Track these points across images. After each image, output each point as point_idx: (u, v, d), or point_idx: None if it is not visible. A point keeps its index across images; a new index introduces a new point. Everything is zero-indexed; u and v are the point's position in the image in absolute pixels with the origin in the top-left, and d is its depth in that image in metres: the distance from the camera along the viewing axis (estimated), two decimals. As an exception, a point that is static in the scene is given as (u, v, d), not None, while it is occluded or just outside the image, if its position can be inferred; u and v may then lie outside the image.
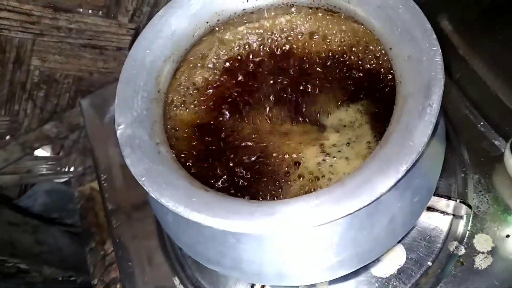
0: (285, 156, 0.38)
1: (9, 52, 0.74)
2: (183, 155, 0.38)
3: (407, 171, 0.28)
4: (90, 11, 0.75)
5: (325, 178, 0.35)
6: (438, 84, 0.31)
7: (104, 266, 0.63)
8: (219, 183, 0.36)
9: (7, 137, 0.87)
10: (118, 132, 0.34)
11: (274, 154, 0.38)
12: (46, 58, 0.78)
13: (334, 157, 0.36)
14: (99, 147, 0.60)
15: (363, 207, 0.28)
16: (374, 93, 0.38)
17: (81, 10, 0.74)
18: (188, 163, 0.37)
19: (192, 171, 0.36)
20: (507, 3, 0.58)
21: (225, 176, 0.37)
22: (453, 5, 0.60)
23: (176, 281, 0.49)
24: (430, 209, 0.45)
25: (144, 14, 0.79)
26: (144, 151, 0.33)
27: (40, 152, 0.94)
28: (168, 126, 0.38)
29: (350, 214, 0.28)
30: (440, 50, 0.32)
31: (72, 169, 0.99)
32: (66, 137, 0.92)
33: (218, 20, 0.42)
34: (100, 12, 0.76)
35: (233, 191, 0.36)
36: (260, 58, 0.45)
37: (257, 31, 0.45)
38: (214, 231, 0.34)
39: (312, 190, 0.34)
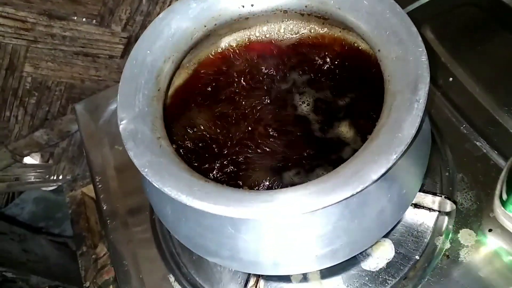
0: (278, 150, 0.40)
1: (2, 59, 0.75)
2: (182, 150, 0.39)
3: (397, 160, 0.30)
4: (84, 19, 0.76)
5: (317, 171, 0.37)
6: (424, 82, 0.33)
7: (96, 269, 0.64)
8: (217, 176, 0.38)
9: (-3, 144, 0.87)
10: (121, 127, 0.36)
11: (267, 150, 0.40)
12: (39, 65, 0.79)
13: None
14: (94, 150, 0.61)
15: (357, 193, 0.29)
16: (364, 91, 0.41)
17: (75, 18, 0.76)
18: (187, 157, 0.39)
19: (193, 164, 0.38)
20: (485, 19, 0.62)
21: (223, 169, 0.38)
22: (435, 17, 0.63)
23: (171, 278, 0.49)
24: (417, 206, 0.47)
25: (137, 23, 0.81)
26: (146, 145, 0.35)
27: (29, 160, 0.93)
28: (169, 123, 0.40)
29: (345, 199, 0.29)
30: (425, 51, 0.35)
31: (61, 177, 0.99)
32: (56, 144, 0.92)
33: (216, 24, 0.43)
34: (94, 20, 0.77)
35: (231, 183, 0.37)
36: (254, 58, 0.47)
37: (252, 34, 0.47)
38: (213, 221, 0.36)
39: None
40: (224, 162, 0.40)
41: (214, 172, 0.39)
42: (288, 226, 0.35)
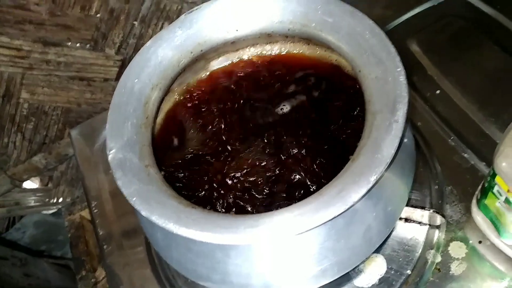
0: (264, 171, 0.41)
1: (-1, 86, 0.76)
2: (171, 176, 0.40)
3: (377, 181, 0.31)
4: (78, 44, 0.78)
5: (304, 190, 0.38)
6: (403, 102, 0.34)
7: (95, 292, 0.64)
8: (206, 201, 0.39)
9: (-4, 170, 0.88)
10: (110, 156, 0.36)
11: (254, 172, 0.41)
12: (35, 91, 0.80)
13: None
14: (89, 175, 0.61)
15: (339, 214, 0.30)
16: (347, 112, 0.42)
17: (69, 44, 0.77)
18: (176, 184, 0.39)
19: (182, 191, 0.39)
20: (470, 31, 0.63)
21: (211, 195, 0.39)
22: (421, 31, 0.64)
23: (168, 302, 0.50)
24: (407, 220, 0.48)
25: (130, 46, 0.82)
26: (134, 173, 0.36)
27: (29, 184, 0.94)
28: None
29: (328, 221, 0.30)
30: (404, 71, 0.35)
31: (60, 200, 0.99)
32: (55, 168, 0.93)
33: (202, 50, 0.44)
34: (88, 45, 0.78)
35: (219, 209, 0.38)
36: (242, 80, 0.48)
37: (238, 57, 0.49)
38: (203, 247, 0.36)
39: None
40: (213, 187, 0.40)
41: (203, 197, 0.39)
42: (276, 248, 0.36)
